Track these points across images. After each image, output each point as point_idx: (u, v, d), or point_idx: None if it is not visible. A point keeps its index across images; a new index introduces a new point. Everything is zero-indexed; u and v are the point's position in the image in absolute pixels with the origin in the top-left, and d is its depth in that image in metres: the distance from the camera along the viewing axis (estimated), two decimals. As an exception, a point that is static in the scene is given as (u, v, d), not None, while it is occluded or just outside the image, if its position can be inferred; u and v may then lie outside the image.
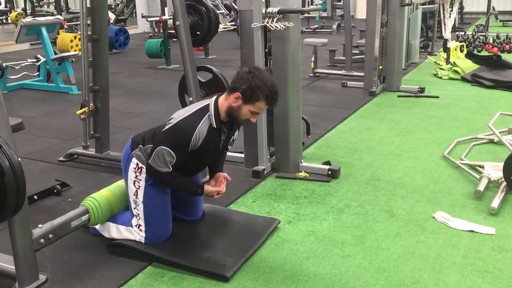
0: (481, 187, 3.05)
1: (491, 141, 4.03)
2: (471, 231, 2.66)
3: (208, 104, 2.40)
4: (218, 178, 2.61)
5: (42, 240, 2.20)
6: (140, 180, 2.45)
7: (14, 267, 2.15)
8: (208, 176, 2.72)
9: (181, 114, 2.38)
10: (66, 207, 2.89)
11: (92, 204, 2.49)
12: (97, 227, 2.61)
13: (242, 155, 3.65)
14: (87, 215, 2.46)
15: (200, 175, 2.74)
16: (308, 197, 3.13)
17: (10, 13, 14.73)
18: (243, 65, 3.45)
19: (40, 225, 2.24)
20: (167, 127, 2.36)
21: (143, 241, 2.49)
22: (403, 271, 2.31)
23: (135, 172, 2.45)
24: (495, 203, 2.86)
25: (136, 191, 2.47)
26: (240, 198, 3.13)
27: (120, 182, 2.69)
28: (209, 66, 3.78)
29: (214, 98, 2.42)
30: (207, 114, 2.36)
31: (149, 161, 2.36)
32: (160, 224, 2.51)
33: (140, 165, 2.44)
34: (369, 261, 2.40)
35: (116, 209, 2.60)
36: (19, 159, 1.88)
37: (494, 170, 3.24)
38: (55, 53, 6.67)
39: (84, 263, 2.43)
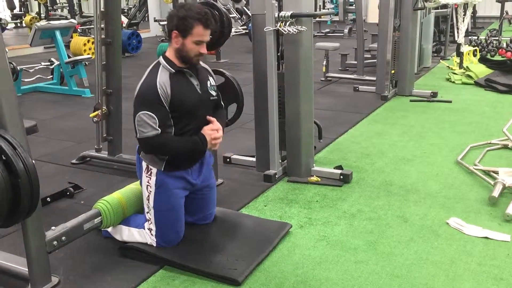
0: (496, 193, 3.01)
1: (506, 147, 3.98)
2: (486, 237, 2.63)
3: (158, 60, 2.44)
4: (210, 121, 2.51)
5: (55, 242, 2.21)
6: (150, 184, 2.45)
7: (27, 269, 2.17)
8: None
9: (140, 81, 2.41)
10: (79, 209, 2.90)
11: (105, 207, 2.50)
12: (109, 229, 2.62)
13: (254, 159, 3.65)
14: (100, 217, 2.47)
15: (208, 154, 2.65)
16: (320, 202, 3.11)
17: (24, 17, 14.95)
18: (256, 70, 3.45)
19: (53, 227, 2.26)
20: (135, 96, 2.38)
21: (154, 245, 2.49)
22: (416, 278, 2.29)
23: (146, 176, 2.46)
24: (510, 209, 2.82)
25: (148, 195, 2.47)
26: (251, 202, 3.12)
27: (133, 185, 2.71)
28: (221, 69, 3.76)
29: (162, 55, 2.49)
30: (161, 67, 2.40)
31: (137, 136, 2.36)
32: (171, 229, 2.50)
33: (149, 166, 2.44)
34: (382, 267, 2.38)
35: (128, 212, 2.61)
36: (33, 161, 1.90)
37: (508, 176, 3.20)
38: (69, 57, 6.73)
39: (96, 265, 2.44)
